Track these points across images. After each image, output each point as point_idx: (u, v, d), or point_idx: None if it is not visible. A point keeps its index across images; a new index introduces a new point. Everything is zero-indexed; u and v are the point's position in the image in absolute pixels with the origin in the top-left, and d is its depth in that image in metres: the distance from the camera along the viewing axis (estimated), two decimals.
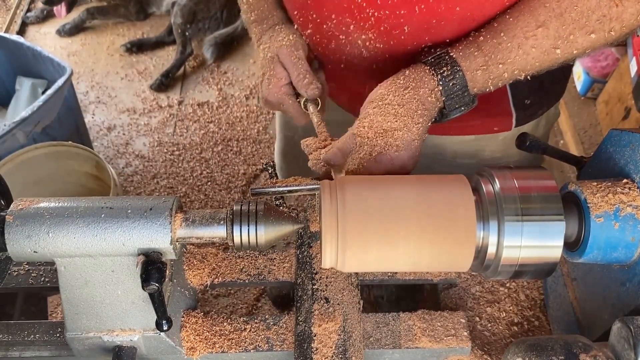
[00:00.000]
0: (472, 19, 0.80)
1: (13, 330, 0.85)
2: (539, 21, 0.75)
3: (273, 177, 0.83)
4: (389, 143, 0.76)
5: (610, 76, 2.42)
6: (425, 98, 0.77)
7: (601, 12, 0.73)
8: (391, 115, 0.76)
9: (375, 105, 0.78)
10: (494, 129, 1.00)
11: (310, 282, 0.87)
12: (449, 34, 0.82)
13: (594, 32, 0.75)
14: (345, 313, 0.83)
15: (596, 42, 0.76)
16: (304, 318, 0.83)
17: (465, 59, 0.77)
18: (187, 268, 0.89)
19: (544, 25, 0.75)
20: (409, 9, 0.80)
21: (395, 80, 0.78)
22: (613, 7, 0.73)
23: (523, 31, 0.76)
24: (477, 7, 0.79)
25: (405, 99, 0.76)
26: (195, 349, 0.82)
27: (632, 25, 0.75)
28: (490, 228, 0.67)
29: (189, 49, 2.82)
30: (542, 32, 0.75)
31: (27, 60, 2.16)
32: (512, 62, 0.76)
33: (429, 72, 0.77)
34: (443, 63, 0.77)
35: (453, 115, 0.80)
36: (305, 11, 0.89)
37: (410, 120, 0.76)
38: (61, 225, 0.68)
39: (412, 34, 0.82)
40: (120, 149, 2.51)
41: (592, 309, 0.81)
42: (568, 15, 0.74)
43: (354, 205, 0.67)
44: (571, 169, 2.10)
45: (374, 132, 0.76)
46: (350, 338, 0.81)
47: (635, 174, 0.72)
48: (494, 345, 0.89)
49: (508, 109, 0.98)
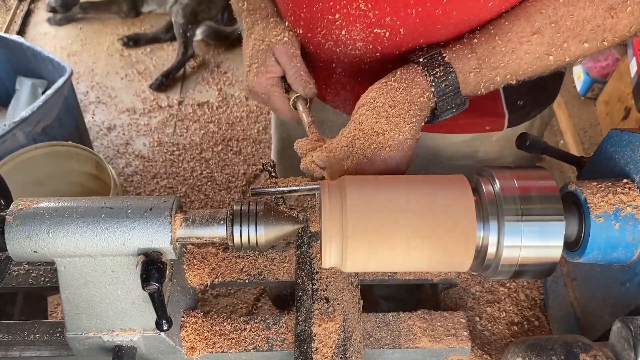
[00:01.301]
0: (468, 24, 0.80)
1: (13, 330, 0.85)
2: (534, 27, 0.75)
3: (273, 176, 0.83)
4: (381, 144, 0.76)
5: (610, 76, 2.42)
6: (417, 98, 0.77)
7: (596, 23, 0.74)
8: (382, 117, 0.76)
9: (367, 108, 0.78)
10: (486, 127, 1.01)
11: (310, 282, 0.87)
12: (443, 38, 0.82)
13: (588, 42, 0.75)
14: (345, 313, 0.83)
15: (588, 51, 0.77)
16: (304, 318, 0.83)
17: (458, 61, 0.77)
18: (187, 268, 0.89)
19: (539, 31, 0.75)
20: (405, 13, 0.79)
21: (387, 82, 0.78)
22: (608, 19, 0.74)
23: (518, 36, 0.76)
24: (473, 12, 0.79)
25: (396, 101, 0.76)
26: (195, 349, 0.82)
27: (624, 36, 0.76)
28: (490, 228, 0.67)
29: (190, 50, 2.82)
30: (536, 38, 0.75)
31: (27, 60, 2.16)
32: (505, 67, 0.77)
33: (421, 72, 0.77)
34: (436, 64, 0.77)
35: (445, 116, 0.80)
36: (297, 9, 0.89)
37: (402, 121, 0.76)
38: (61, 225, 0.68)
39: (407, 37, 0.82)
40: (120, 149, 2.51)
41: (592, 309, 0.81)
42: (563, 24, 0.74)
43: (353, 205, 0.67)
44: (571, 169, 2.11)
45: (365, 134, 0.76)
46: (350, 338, 0.81)
47: (635, 174, 0.72)
48: (494, 345, 0.89)
49: (501, 110, 0.98)
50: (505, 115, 0.99)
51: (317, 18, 0.86)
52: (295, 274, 0.90)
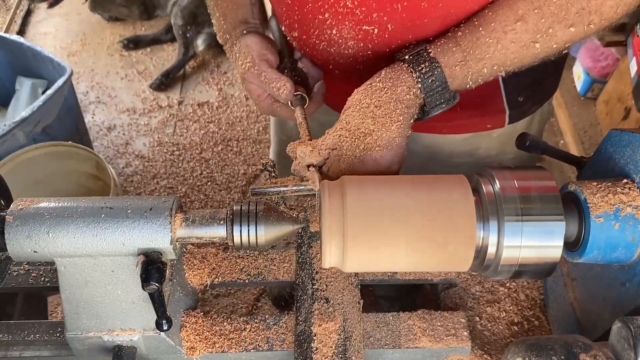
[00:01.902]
0: (455, 16, 0.79)
1: (13, 330, 0.85)
2: (517, 15, 0.74)
3: (273, 176, 0.83)
4: (370, 144, 0.76)
5: (610, 76, 2.42)
6: (403, 96, 0.76)
7: (580, 5, 0.73)
8: (369, 118, 0.76)
9: (353, 109, 0.78)
10: (487, 126, 1.01)
11: (310, 282, 0.87)
12: (432, 32, 0.81)
13: (573, 26, 0.74)
14: (345, 313, 0.83)
15: (575, 36, 0.75)
16: (304, 318, 0.83)
17: (443, 55, 0.76)
18: (187, 268, 0.89)
19: (522, 19, 0.74)
20: (392, 8, 0.80)
21: (371, 83, 0.78)
22: (592, 0, 0.72)
23: (502, 25, 0.75)
24: (459, 5, 0.78)
25: (382, 100, 0.76)
26: (195, 349, 0.82)
27: (611, 18, 0.75)
28: (490, 228, 0.67)
29: (191, 51, 2.82)
30: (520, 26, 0.74)
31: (27, 60, 2.16)
32: (490, 57, 0.76)
33: (406, 69, 0.77)
34: (421, 60, 0.77)
35: (435, 112, 0.79)
36: (291, 12, 0.89)
37: (389, 120, 0.76)
38: (61, 225, 0.68)
39: (395, 32, 0.82)
40: (120, 149, 2.51)
41: (592, 309, 0.81)
42: (547, 9, 0.73)
43: (353, 205, 0.67)
44: (571, 169, 2.11)
45: (352, 134, 0.76)
46: (351, 338, 0.81)
47: (635, 174, 0.72)
48: (494, 345, 0.89)
49: (501, 106, 0.98)
50: (506, 111, 0.99)
51: (309, 19, 0.87)
52: (295, 274, 0.90)
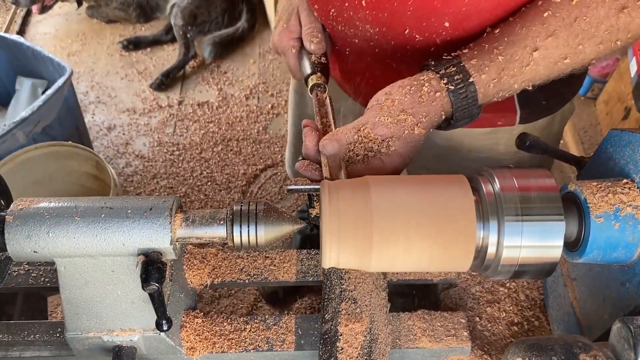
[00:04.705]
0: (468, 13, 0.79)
1: (13, 330, 0.85)
2: (549, 31, 0.75)
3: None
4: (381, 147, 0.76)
5: (610, 76, 2.42)
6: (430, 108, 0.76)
7: (609, 23, 0.74)
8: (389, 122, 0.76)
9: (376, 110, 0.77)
10: (498, 123, 1.00)
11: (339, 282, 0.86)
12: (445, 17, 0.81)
13: (602, 43, 0.75)
14: (373, 315, 0.82)
15: (602, 52, 0.76)
16: (330, 317, 0.82)
17: (479, 72, 0.76)
18: (187, 268, 0.89)
19: (554, 35, 0.75)
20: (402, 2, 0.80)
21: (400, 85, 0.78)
22: (621, 17, 0.73)
23: (534, 42, 0.75)
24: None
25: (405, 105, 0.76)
26: (195, 349, 0.82)
27: (638, 35, 0.76)
28: (490, 228, 0.67)
29: (192, 51, 2.82)
30: (552, 42, 0.75)
31: (27, 60, 2.16)
32: (522, 74, 0.76)
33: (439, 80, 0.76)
34: (455, 74, 0.76)
35: (458, 125, 0.80)
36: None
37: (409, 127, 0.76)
38: (61, 225, 0.68)
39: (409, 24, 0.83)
40: (120, 149, 2.51)
41: (592, 309, 0.81)
42: (577, 26, 0.74)
43: (352, 205, 0.67)
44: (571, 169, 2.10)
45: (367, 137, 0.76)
46: (377, 340, 0.79)
47: (635, 174, 0.72)
48: (494, 345, 0.89)
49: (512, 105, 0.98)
50: (517, 110, 0.99)
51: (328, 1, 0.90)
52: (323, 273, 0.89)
